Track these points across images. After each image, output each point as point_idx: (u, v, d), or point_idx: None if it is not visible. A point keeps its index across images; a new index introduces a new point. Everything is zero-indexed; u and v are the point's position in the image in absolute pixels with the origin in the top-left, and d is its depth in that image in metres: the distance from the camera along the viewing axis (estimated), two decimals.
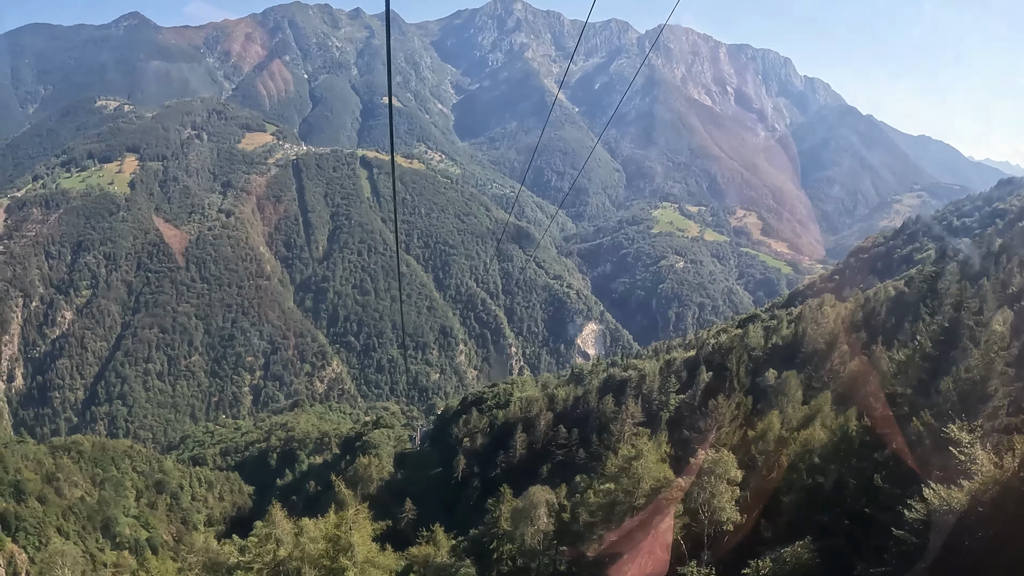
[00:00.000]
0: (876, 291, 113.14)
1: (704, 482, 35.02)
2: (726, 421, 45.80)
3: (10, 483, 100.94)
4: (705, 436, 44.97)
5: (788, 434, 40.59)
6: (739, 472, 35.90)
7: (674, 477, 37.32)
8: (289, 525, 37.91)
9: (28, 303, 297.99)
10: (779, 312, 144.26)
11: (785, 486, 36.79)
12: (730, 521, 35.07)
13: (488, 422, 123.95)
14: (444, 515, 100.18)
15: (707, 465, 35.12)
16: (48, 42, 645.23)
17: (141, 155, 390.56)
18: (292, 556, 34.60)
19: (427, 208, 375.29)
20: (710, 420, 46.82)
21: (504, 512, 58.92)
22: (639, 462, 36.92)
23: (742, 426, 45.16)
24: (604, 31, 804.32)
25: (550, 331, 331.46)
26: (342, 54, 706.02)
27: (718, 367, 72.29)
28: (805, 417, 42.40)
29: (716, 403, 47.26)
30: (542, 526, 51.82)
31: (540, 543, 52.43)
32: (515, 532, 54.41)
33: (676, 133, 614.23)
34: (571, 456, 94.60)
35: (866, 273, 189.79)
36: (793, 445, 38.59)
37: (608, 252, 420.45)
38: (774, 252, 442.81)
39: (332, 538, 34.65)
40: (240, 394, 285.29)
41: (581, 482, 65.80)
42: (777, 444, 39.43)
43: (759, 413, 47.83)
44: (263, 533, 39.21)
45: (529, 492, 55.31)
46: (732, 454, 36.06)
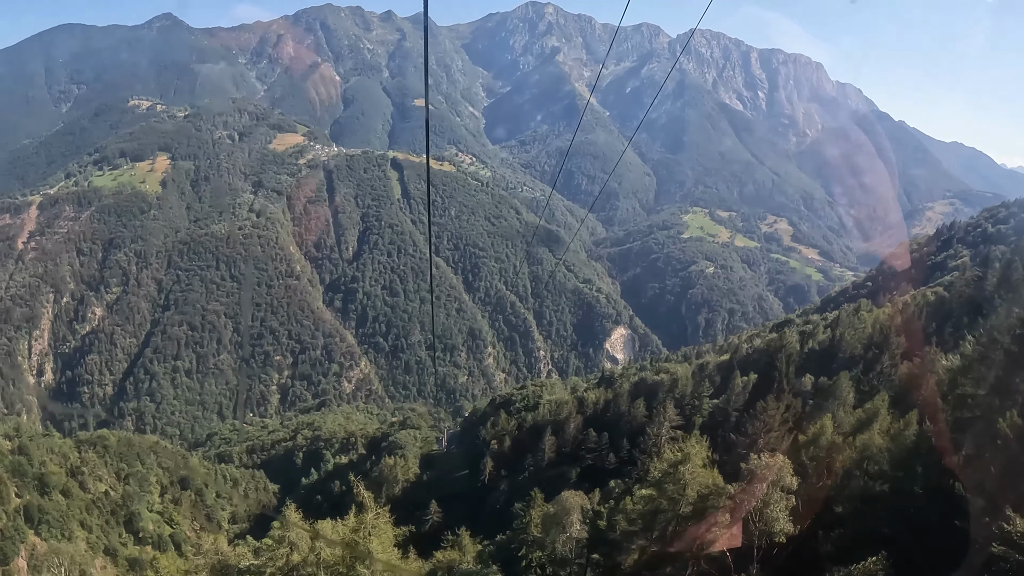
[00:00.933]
0: (914, 296, 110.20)
1: (756, 489, 32.33)
2: (776, 424, 42.98)
3: (34, 476, 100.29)
4: (752, 440, 42.21)
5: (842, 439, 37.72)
6: (795, 479, 33.20)
7: (723, 484, 34.57)
8: (305, 528, 35.89)
9: (59, 299, 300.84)
10: (814, 317, 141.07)
11: (838, 495, 34.17)
12: (783, 533, 32.32)
13: (516, 424, 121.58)
14: (470, 518, 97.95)
15: (760, 471, 32.48)
16: (82, 42, 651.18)
17: (173, 154, 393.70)
18: (307, 561, 32.30)
19: (457, 210, 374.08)
20: (758, 423, 43.99)
21: (534, 517, 56.36)
22: (685, 467, 34.03)
23: (791, 430, 42.34)
24: (635, 35, 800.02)
25: (579, 335, 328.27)
26: (373, 56, 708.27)
27: (765, 367, 68.80)
28: (859, 421, 39.50)
29: (765, 405, 44.36)
30: (575, 533, 49.30)
31: (572, 551, 49.83)
32: (546, 539, 51.97)
33: (707, 138, 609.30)
34: (601, 460, 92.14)
35: (900, 280, 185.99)
36: (849, 451, 35.83)
37: (638, 257, 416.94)
38: (805, 259, 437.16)
39: (350, 543, 32.09)
40: (268, 393, 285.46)
41: (616, 488, 63.19)
42: (830, 449, 36.64)
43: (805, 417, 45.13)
44: (276, 535, 37.02)
45: (561, 497, 52.88)
46: (786, 459, 33.26)
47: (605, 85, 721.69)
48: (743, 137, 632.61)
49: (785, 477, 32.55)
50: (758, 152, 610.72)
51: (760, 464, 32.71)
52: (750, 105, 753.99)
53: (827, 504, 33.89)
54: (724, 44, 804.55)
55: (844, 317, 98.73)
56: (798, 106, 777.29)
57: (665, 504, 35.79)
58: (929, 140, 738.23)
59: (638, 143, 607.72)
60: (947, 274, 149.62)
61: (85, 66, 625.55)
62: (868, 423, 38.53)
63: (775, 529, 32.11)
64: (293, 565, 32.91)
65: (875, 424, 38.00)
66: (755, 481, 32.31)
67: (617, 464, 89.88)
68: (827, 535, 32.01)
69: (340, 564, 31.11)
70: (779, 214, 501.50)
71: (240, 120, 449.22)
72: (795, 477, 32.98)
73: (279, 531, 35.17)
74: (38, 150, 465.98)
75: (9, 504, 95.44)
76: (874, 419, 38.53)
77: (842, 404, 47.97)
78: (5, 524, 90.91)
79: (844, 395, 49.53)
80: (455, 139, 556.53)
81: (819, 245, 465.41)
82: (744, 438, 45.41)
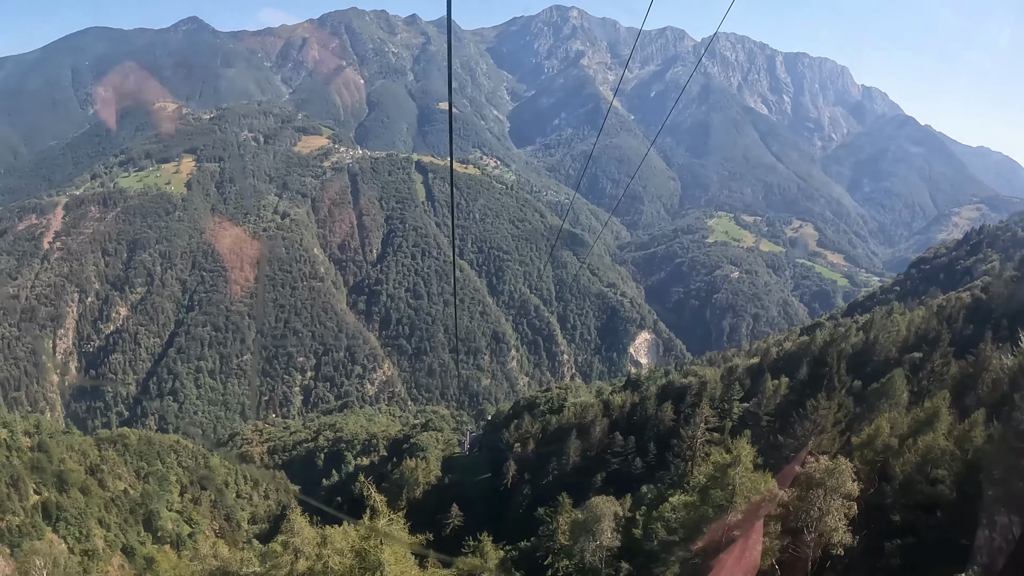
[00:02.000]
0: (949, 299, 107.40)
1: (813, 496, 29.59)
2: (828, 424, 40.06)
3: (53, 473, 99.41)
4: (802, 442, 39.28)
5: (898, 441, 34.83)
6: (856, 485, 30.28)
7: (777, 489, 31.70)
8: (312, 533, 33.53)
9: (84, 298, 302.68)
10: (844, 321, 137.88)
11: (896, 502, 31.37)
12: (841, 544, 29.51)
13: (541, 427, 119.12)
14: (492, 523, 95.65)
15: (819, 475, 29.60)
16: (108, 45, 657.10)
17: (198, 156, 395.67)
18: (314, 570, 30.75)
19: (481, 213, 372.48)
20: (807, 424, 40.97)
21: (562, 524, 53.82)
22: (735, 470, 31.16)
23: (844, 432, 39.49)
24: (660, 39, 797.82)
25: (603, 339, 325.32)
26: (398, 60, 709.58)
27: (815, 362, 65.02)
28: (917, 422, 36.53)
29: (816, 404, 41.36)
30: (606, 542, 46.48)
31: (602, 561, 46.97)
32: (574, 547, 49.21)
33: (732, 142, 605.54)
34: (627, 465, 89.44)
35: (929, 284, 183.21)
36: (908, 453, 32.95)
37: (662, 261, 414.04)
38: (830, 264, 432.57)
39: (360, 552, 28.76)
40: (291, 394, 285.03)
41: (648, 493, 60.33)
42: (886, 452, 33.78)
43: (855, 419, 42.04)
44: (281, 541, 34.70)
45: (591, 503, 49.87)
46: (849, 463, 30.34)
47: (630, 89, 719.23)
48: (768, 141, 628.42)
49: (846, 482, 29.72)
50: (783, 156, 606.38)
51: (819, 468, 29.87)
52: (775, 109, 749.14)
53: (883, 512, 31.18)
54: (749, 48, 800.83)
55: (877, 319, 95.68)
56: (823, 110, 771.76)
57: (711, 512, 32.82)
58: (955, 144, 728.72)
59: (663, 147, 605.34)
60: (977, 278, 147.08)
61: (111, 68, 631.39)
62: (928, 424, 35.56)
63: (833, 540, 29.38)
64: (299, 574, 30.80)
65: (936, 425, 34.99)
66: (811, 487, 29.55)
67: (644, 469, 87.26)
68: (896, 547, 29.06)
69: (350, 573, 28.88)
70: (804, 219, 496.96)
71: (265, 122, 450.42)
72: (857, 483, 30.13)
73: (285, 537, 32.99)
74: (64, 151, 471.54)
75: (28, 501, 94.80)
76: (934, 419, 35.55)
77: (896, 404, 44.88)
78: (23, 521, 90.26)
79: (898, 395, 46.33)
80: (480, 143, 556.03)
81: (845, 250, 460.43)
82: (792, 440, 42.29)
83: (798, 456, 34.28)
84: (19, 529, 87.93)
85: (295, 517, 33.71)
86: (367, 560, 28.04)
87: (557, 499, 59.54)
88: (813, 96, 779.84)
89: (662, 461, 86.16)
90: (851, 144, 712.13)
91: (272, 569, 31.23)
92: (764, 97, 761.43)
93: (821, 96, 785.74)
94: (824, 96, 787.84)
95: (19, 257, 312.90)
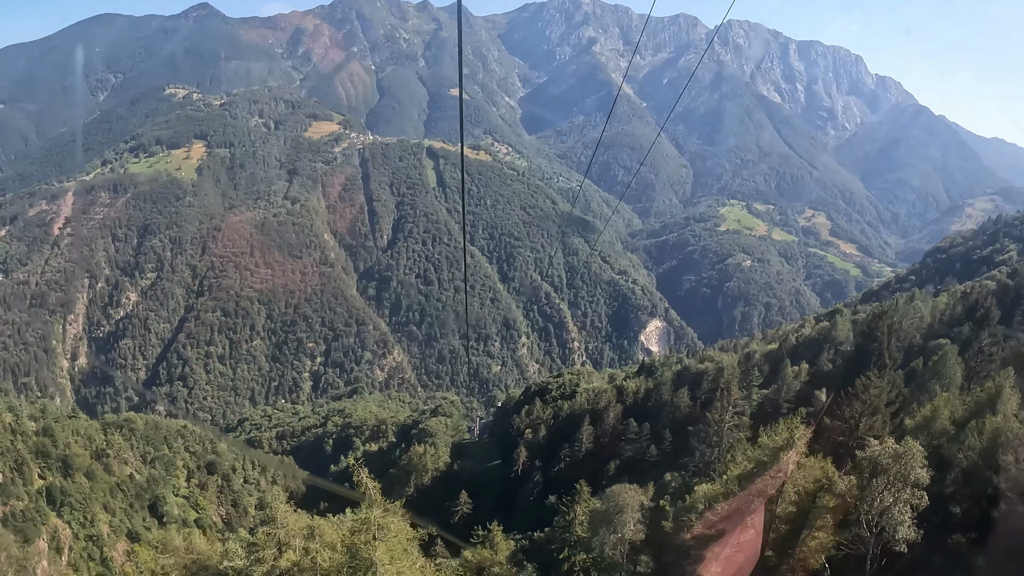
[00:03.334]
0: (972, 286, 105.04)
1: (876, 485, 25.89)
2: (881, 404, 36.70)
3: (58, 458, 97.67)
4: (852, 425, 35.84)
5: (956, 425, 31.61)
6: (927, 472, 26.45)
7: (837, 476, 28.15)
8: (300, 524, 29.92)
9: (94, 284, 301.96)
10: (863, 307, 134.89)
11: (958, 492, 28.23)
12: (904, 540, 25.85)
13: (552, 413, 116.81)
14: (502, 510, 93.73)
15: (886, 460, 25.92)
16: (119, 32, 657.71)
17: (209, 142, 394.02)
18: (300, 567, 27.27)
19: (493, 200, 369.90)
20: (857, 404, 37.53)
21: (579, 514, 50.44)
22: (788, 454, 27.64)
23: (897, 414, 36.22)
24: (672, 26, 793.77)
25: (613, 327, 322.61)
26: (409, 46, 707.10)
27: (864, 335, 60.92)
28: (976, 403, 33.29)
29: (867, 381, 37.82)
30: (629, 534, 42.77)
31: (624, 555, 43.47)
32: (592, 539, 45.66)
33: (745, 130, 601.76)
34: (642, 452, 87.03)
35: (945, 273, 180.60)
36: (971, 438, 29.72)
37: (674, 249, 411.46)
38: (843, 254, 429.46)
39: (351, 548, 24.99)
40: (300, 379, 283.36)
41: (672, 481, 57.31)
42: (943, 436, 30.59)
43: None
44: (264, 532, 31.48)
45: (613, 492, 45.89)
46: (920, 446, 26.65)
47: (642, 77, 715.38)
48: (781, 130, 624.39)
49: (915, 469, 25.98)
50: (796, 145, 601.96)
51: (885, 452, 26.44)
52: (788, 98, 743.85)
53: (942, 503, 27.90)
54: (763, 35, 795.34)
55: (900, 305, 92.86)
56: (837, 99, 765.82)
57: (755, 502, 29.30)
58: (970, 135, 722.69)
59: (675, 135, 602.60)
60: (995, 268, 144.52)
61: (122, 55, 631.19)
62: (988, 405, 32.33)
63: (897, 536, 25.74)
64: (283, 570, 27.46)
65: (1000, 406, 31.69)
66: (877, 474, 26.17)
67: (660, 456, 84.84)
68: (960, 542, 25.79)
69: (339, 571, 25.71)
70: (817, 208, 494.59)
71: (276, 108, 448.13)
72: (928, 469, 26.57)
73: (268, 529, 29.95)
74: (75, 138, 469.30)
75: (32, 486, 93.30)
76: (996, 400, 32.30)
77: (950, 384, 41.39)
78: (27, 506, 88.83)
79: (951, 374, 42.69)
80: (491, 129, 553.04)
81: (857, 240, 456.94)
82: (840, 423, 38.66)
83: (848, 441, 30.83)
84: (23, 514, 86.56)
85: (279, 505, 30.54)
86: (358, 557, 24.57)
87: (574, 488, 56.20)
88: (827, 85, 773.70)
89: (678, 448, 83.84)
90: (864, 134, 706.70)
91: (253, 564, 28.22)
92: (777, 85, 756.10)
93: (835, 85, 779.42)
94: (838, 85, 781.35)
95: (29, 243, 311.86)
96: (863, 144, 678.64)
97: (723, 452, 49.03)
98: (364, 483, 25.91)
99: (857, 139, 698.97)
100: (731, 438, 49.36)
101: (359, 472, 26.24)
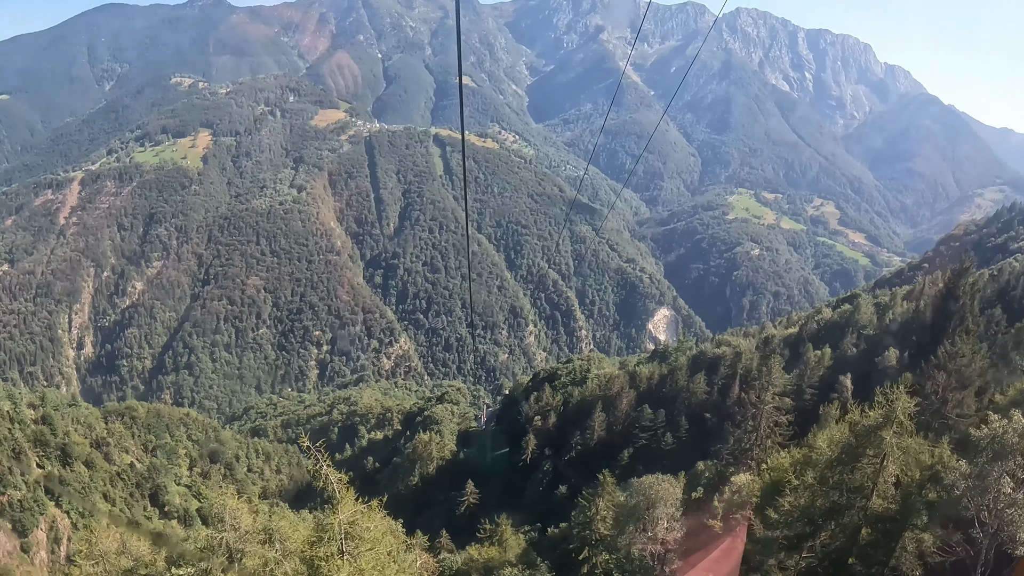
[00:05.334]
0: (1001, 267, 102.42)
1: (994, 471, 21.02)
2: (974, 375, 31.83)
3: (57, 446, 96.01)
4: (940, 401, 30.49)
5: None
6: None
7: (955, 462, 22.88)
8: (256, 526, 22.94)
9: (99, 273, 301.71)
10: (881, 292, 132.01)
11: None
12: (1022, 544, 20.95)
13: (562, 400, 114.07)
14: (510, 501, 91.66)
15: (1013, 440, 21.07)
16: (124, 22, 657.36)
17: (214, 130, 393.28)
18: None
19: (500, 187, 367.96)
20: (940, 375, 32.52)
21: (602, 509, 45.39)
22: (888, 431, 22.86)
23: (983, 390, 31.60)
24: (680, 14, 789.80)
25: (621, 315, 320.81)
26: (416, 34, 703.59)
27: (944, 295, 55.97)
28: None
29: (952, 348, 32.84)
30: (662, 534, 36.19)
31: (656, 558, 36.87)
32: (618, 538, 39.31)
33: (753, 119, 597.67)
34: (656, 440, 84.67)
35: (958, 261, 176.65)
36: None
37: (682, 237, 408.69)
38: (851, 243, 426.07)
39: (309, 563, 19.08)
40: (306, 368, 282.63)
41: (705, 471, 52.60)
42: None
43: None
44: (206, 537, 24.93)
45: (643, 484, 38.67)
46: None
47: (650, 65, 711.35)
48: (789, 118, 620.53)
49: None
50: (805, 134, 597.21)
51: (1014, 429, 21.36)
52: (797, 86, 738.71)
53: None
54: (771, 24, 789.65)
55: (928, 288, 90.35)
56: (846, 88, 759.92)
57: (841, 497, 24.53)
58: (979, 125, 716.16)
59: (683, 123, 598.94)
60: (1010, 256, 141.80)
61: (128, 45, 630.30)
62: None
63: (1019, 536, 20.84)
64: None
65: None
66: (1001, 458, 21.19)
67: (675, 444, 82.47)
68: None
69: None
70: (826, 197, 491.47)
71: (281, 97, 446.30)
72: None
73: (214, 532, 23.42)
74: (81, 127, 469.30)
75: (30, 475, 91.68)
76: None
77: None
78: (25, 495, 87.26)
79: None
80: (498, 117, 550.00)
81: (866, 229, 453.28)
82: (923, 399, 31.40)
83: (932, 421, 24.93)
84: (20, 504, 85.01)
85: (228, 502, 23.38)
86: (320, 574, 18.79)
87: (592, 478, 51.37)
88: (835, 73, 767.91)
89: (694, 436, 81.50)
90: (873, 123, 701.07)
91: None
92: (786, 74, 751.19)
93: (843, 73, 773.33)
94: (847, 74, 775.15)
95: (35, 232, 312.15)
96: (872, 133, 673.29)
97: (762, 438, 45.60)
98: (325, 477, 19.21)
99: (866, 128, 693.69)
100: (770, 423, 45.76)
101: (318, 456, 18.95)
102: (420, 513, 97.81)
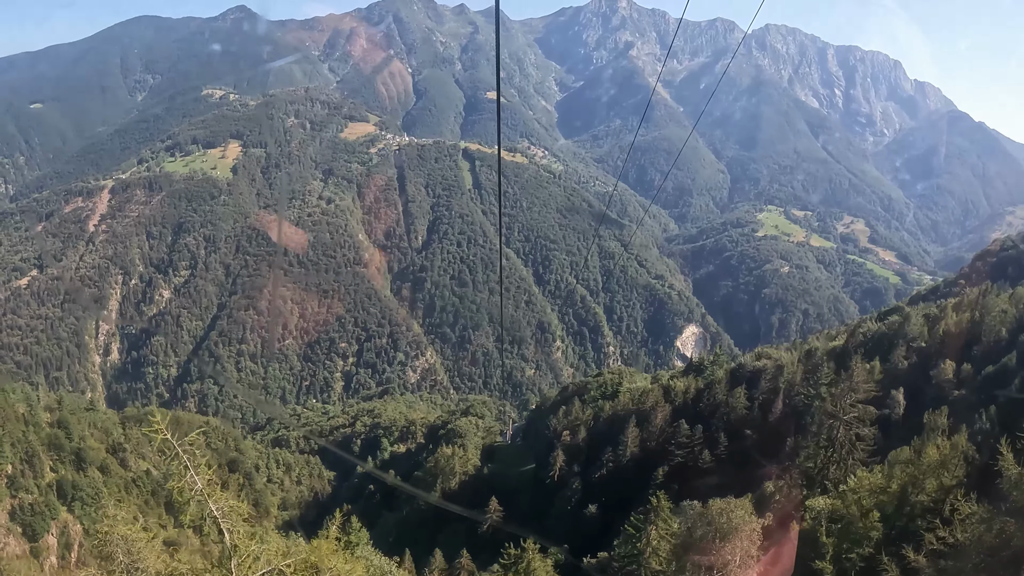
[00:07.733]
0: None
1: None
2: None
3: (72, 450, 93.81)
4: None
5: None
6: None
7: None
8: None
9: (127, 280, 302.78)
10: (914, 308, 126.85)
11: None
12: None
13: (592, 415, 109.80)
14: (536, 520, 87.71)
15: None
16: (157, 33, 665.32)
17: (244, 141, 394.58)
18: None
19: (529, 202, 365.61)
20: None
21: (654, 538, 39.13)
22: None
23: None
24: (709, 30, 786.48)
25: (649, 331, 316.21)
26: (446, 49, 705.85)
27: None
28: None
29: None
30: (735, 573, 28.62)
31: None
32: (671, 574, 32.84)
33: (782, 135, 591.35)
34: (693, 458, 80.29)
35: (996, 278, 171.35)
36: None
37: (711, 254, 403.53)
38: (881, 261, 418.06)
39: None
40: (332, 379, 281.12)
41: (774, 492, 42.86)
42: None
43: None
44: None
45: (714, 509, 30.81)
46: None
47: (679, 81, 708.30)
48: (819, 135, 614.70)
49: None
50: (834, 151, 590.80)
51: None
52: (826, 103, 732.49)
53: None
54: (800, 40, 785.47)
55: (978, 299, 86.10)
56: (875, 105, 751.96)
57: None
58: (1009, 142, 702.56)
59: (712, 140, 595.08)
60: None
61: (160, 56, 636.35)
62: None
63: None
64: None
65: None
66: None
67: (713, 462, 78.05)
68: None
69: None
70: (856, 215, 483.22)
71: (312, 109, 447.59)
72: None
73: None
74: (112, 137, 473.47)
75: (43, 479, 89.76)
76: None
77: None
78: (36, 499, 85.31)
79: None
80: (527, 132, 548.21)
81: (896, 247, 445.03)
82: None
83: None
84: (32, 508, 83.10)
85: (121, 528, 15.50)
86: None
87: (649, 502, 43.82)
88: (865, 90, 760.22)
89: (733, 452, 77.15)
90: (903, 140, 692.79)
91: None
92: (815, 90, 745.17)
93: (873, 90, 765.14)
94: (876, 90, 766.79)
95: (65, 239, 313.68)
96: (901, 150, 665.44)
97: (841, 453, 40.37)
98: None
99: (895, 145, 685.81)
100: (848, 438, 40.65)
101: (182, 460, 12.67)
102: (440, 529, 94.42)
